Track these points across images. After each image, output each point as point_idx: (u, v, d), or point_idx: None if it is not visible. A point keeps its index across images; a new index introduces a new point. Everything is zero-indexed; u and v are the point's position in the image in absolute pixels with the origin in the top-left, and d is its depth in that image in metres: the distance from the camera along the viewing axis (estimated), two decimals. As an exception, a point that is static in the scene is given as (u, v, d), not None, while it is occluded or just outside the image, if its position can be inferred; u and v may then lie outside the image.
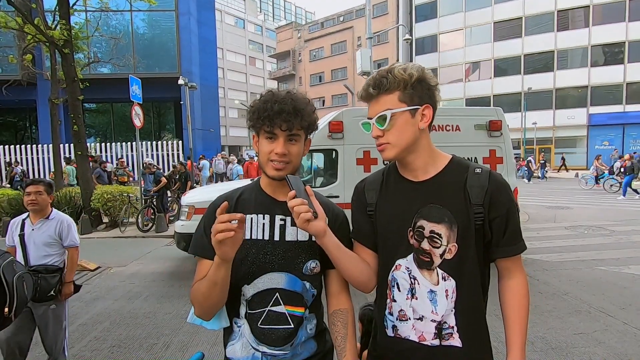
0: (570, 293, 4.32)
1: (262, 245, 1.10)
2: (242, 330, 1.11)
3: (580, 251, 6.11)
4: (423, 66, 1.05)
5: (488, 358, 1.07)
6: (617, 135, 26.25)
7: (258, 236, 1.11)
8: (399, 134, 1.03)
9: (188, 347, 3.23)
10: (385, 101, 1.03)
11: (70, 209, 8.85)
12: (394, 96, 1.03)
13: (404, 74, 1.01)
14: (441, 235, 1.02)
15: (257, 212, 1.13)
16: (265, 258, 1.09)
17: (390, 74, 1.02)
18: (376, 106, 1.05)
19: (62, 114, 15.17)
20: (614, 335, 3.31)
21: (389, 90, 1.03)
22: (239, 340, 1.11)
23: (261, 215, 1.12)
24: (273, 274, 1.09)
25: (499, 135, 5.29)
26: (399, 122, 1.03)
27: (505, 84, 28.93)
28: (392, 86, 1.02)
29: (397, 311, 1.07)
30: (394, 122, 1.03)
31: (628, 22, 25.11)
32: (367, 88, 1.06)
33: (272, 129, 1.06)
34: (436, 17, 31.54)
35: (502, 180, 1.06)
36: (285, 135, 1.07)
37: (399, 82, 1.01)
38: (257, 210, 1.13)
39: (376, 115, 1.04)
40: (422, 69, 1.04)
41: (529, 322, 1.08)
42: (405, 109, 1.02)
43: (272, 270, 1.09)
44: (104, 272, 5.61)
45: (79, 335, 3.51)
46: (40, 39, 8.70)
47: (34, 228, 2.58)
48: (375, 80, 1.04)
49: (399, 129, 1.03)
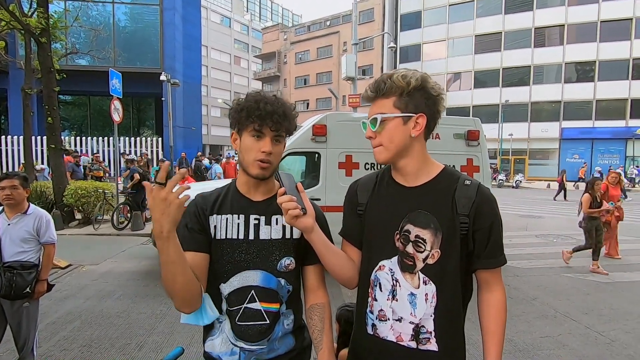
0: (538, 298, 4.51)
1: (236, 244, 1.13)
2: (222, 326, 1.13)
3: (549, 259, 6.38)
4: (428, 75, 1.07)
5: None
6: (587, 149, 27.56)
7: (233, 236, 1.13)
8: (389, 139, 1.06)
9: (162, 348, 3.17)
10: (381, 105, 1.07)
11: (41, 204, 8.51)
12: (390, 101, 1.06)
13: (402, 81, 1.03)
14: (425, 240, 1.05)
15: (232, 212, 1.15)
16: (240, 257, 1.12)
17: (390, 79, 1.05)
18: (373, 108, 1.09)
19: (34, 104, 14.56)
20: (577, 338, 3.49)
21: (386, 95, 1.06)
22: (219, 335, 1.13)
23: (236, 216, 1.15)
24: (248, 272, 1.12)
25: (477, 145, 5.47)
26: (390, 127, 1.06)
27: (484, 96, 29.89)
28: (389, 91, 1.05)
29: (377, 310, 1.10)
30: (385, 126, 1.06)
31: (599, 43, 26.49)
32: (367, 90, 1.10)
33: (262, 128, 1.09)
34: (420, 27, 32.30)
35: (489, 194, 1.09)
36: (272, 135, 1.11)
37: (396, 89, 1.04)
38: (233, 211, 1.16)
39: (370, 117, 1.09)
40: (424, 79, 1.05)
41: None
42: (396, 115, 1.05)
43: (247, 268, 1.12)
44: (76, 270, 5.42)
45: (47, 334, 3.38)
46: (15, 26, 8.36)
47: (10, 223, 2.49)
48: (376, 83, 1.08)
49: (389, 134, 1.06)
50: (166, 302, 4.18)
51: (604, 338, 3.50)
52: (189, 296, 1.01)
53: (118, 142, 9.75)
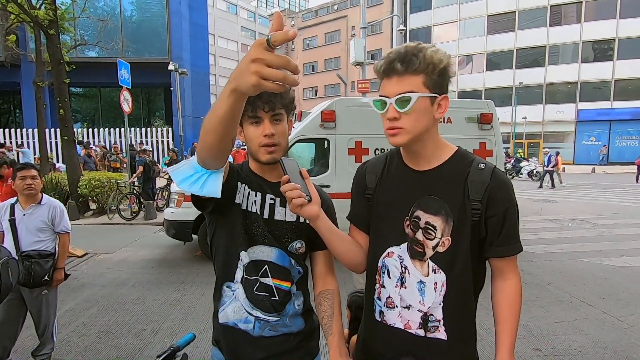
0: (553, 283, 4.44)
1: (255, 217, 1.12)
2: (236, 294, 1.13)
3: (564, 243, 6.27)
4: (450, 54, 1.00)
5: (472, 352, 1.07)
6: (604, 131, 26.74)
7: (252, 209, 1.13)
8: (415, 120, 0.96)
9: (177, 333, 3.23)
10: (410, 82, 0.94)
11: (57, 195, 8.70)
12: (419, 79, 0.94)
13: (435, 58, 0.93)
14: (436, 227, 1.01)
15: (251, 188, 1.14)
16: (257, 231, 1.12)
17: (421, 53, 0.93)
18: (398, 85, 0.95)
19: (47, 97, 14.76)
20: (593, 323, 3.43)
21: (416, 71, 0.94)
22: (231, 304, 1.13)
23: (254, 192, 1.14)
24: (264, 247, 1.12)
25: (490, 128, 5.33)
26: (420, 107, 0.95)
27: (497, 78, 29.10)
28: (421, 68, 0.93)
29: (385, 297, 1.08)
30: (416, 106, 0.94)
31: (619, 19, 25.38)
32: (391, 61, 0.95)
33: (256, 112, 1.06)
34: (430, 9, 31.38)
35: (504, 178, 1.02)
36: (270, 116, 1.07)
37: (427, 65, 0.93)
38: (251, 187, 1.14)
39: (398, 95, 0.94)
40: (450, 57, 0.98)
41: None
42: (429, 94, 0.95)
43: (262, 243, 1.12)
44: (92, 258, 5.55)
45: (66, 320, 3.48)
46: (24, 19, 8.39)
47: (26, 213, 2.55)
48: (403, 55, 0.94)
49: (417, 115, 0.95)
50: (180, 289, 4.26)
51: (622, 323, 3.44)
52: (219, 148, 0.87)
53: (129, 132, 9.84)
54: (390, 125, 0.98)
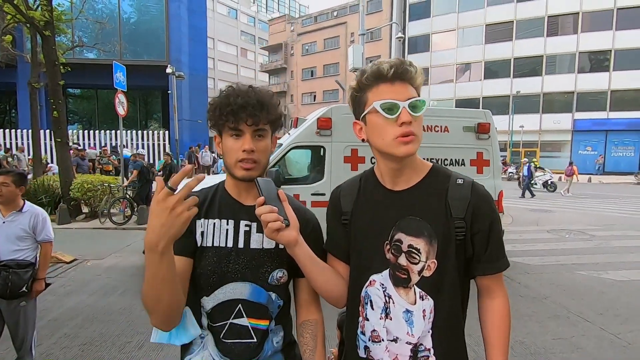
0: (550, 297, 4.37)
1: (224, 253, 1.00)
2: (205, 342, 1.02)
3: (561, 255, 6.20)
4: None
5: None
6: (600, 141, 26.92)
7: (220, 243, 1.01)
8: (419, 128, 0.92)
9: (162, 347, 3.12)
10: (413, 89, 0.93)
11: (48, 198, 8.57)
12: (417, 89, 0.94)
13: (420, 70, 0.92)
14: (420, 250, 0.93)
15: (220, 216, 1.03)
16: (228, 267, 1.00)
17: (412, 66, 0.91)
18: (407, 90, 0.91)
19: (42, 98, 14.66)
20: (591, 341, 3.35)
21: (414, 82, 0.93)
22: (199, 353, 1.02)
23: (225, 220, 1.03)
24: (236, 284, 1.00)
25: (487, 138, 5.29)
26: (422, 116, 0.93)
27: (495, 87, 29.29)
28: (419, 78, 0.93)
29: (370, 331, 0.99)
30: (420, 113, 0.91)
31: (615, 31, 25.65)
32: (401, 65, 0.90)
33: (237, 124, 0.96)
34: (429, 17, 31.64)
35: (484, 192, 0.98)
36: (252, 130, 0.98)
37: (418, 76, 0.93)
38: (221, 215, 1.03)
39: (411, 99, 0.90)
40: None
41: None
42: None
43: (234, 280, 1.00)
44: (80, 264, 5.42)
45: (48, 331, 3.36)
46: (20, 20, 8.32)
47: (5, 221, 2.44)
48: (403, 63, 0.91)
49: (420, 123, 0.92)
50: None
51: (620, 340, 3.36)
52: (172, 315, 0.89)
53: (125, 135, 9.74)
54: (405, 131, 0.89)
